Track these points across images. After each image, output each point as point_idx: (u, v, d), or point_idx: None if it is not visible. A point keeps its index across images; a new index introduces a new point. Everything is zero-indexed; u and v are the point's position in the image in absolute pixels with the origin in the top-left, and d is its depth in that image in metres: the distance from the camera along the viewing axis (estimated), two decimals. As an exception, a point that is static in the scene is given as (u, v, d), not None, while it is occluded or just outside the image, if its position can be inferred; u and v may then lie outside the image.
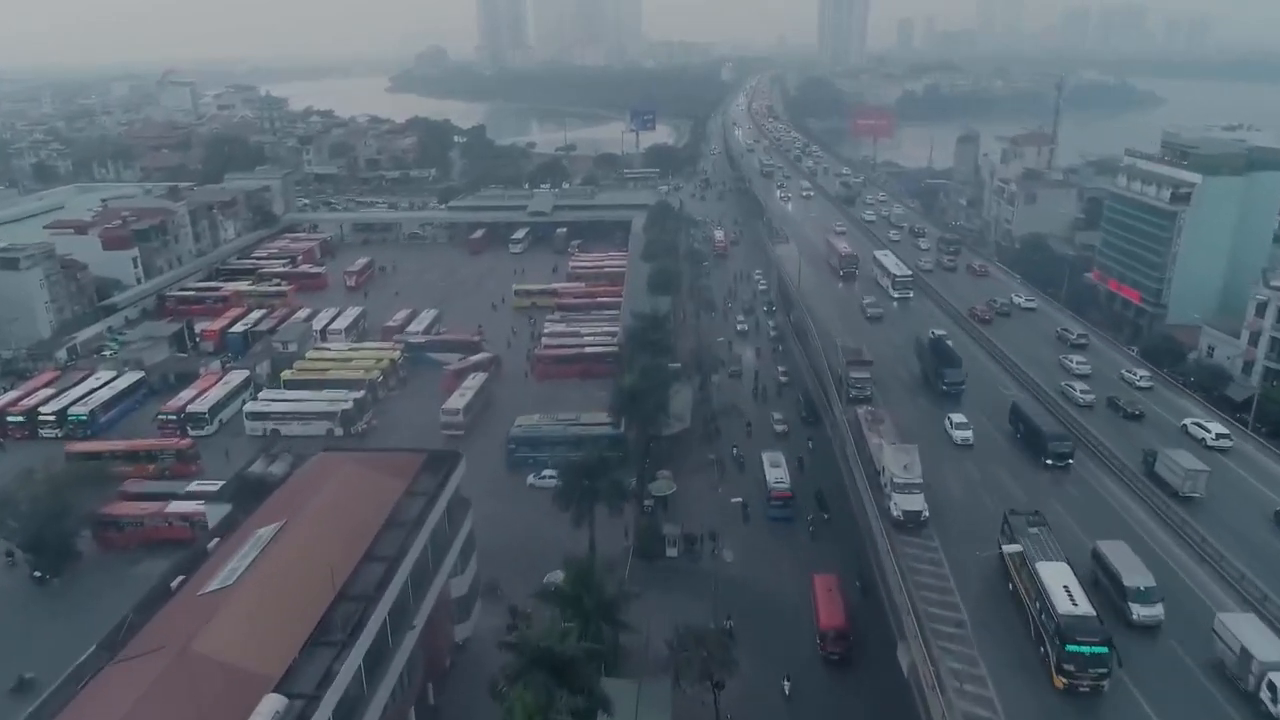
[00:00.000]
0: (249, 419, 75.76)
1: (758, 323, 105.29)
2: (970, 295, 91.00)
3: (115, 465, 67.73)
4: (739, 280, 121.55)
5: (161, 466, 68.73)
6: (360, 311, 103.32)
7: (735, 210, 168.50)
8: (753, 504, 62.72)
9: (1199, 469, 49.41)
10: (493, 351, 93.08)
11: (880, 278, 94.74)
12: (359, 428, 75.76)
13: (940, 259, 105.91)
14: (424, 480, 45.06)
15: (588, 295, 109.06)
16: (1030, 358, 71.86)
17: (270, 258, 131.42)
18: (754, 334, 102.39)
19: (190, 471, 68.08)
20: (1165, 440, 56.44)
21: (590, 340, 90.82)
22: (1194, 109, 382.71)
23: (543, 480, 66.33)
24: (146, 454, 69.71)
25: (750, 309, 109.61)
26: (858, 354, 65.47)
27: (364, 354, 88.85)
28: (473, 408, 79.03)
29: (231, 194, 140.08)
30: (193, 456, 69.92)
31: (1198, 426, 58.19)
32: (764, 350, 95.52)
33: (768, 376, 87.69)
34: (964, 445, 56.53)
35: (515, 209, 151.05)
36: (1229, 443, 56.41)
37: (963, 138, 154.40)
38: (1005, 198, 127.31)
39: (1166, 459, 50.91)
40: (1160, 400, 64.72)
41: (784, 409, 79.92)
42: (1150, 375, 67.93)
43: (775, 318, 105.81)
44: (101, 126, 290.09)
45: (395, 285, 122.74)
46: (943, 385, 64.37)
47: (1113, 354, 74.10)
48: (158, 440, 72.16)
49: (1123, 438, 57.85)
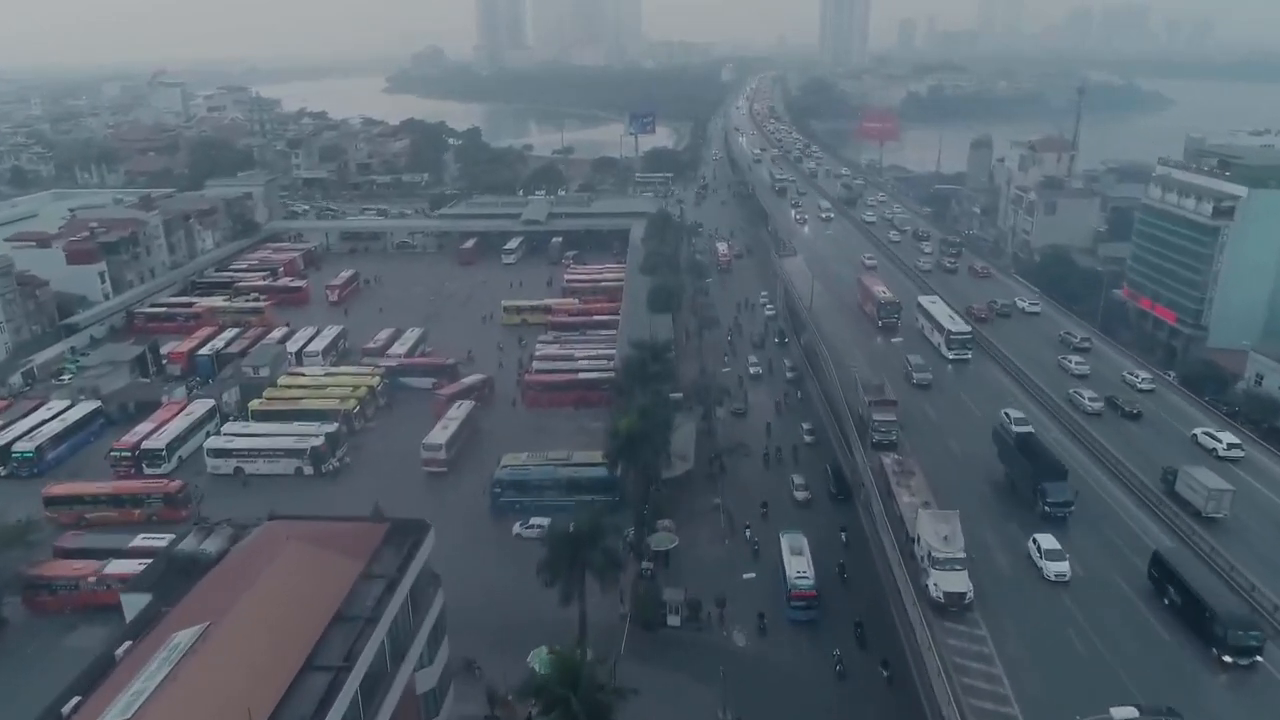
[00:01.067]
0: (210, 456, 69.10)
1: (771, 364, 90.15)
2: (972, 296, 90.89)
3: (97, 510, 62.19)
4: (744, 309, 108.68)
5: (148, 512, 62.52)
6: (340, 331, 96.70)
7: (738, 216, 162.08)
8: (769, 594, 52.36)
9: (1223, 488, 47.09)
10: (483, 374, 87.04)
11: (928, 331, 78.09)
12: (330, 466, 69.16)
13: (941, 260, 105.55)
14: (385, 558, 38.50)
15: (583, 312, 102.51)
16: (1031, 358, 73.52)
17: (250, 270, 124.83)
18: (768, 377, 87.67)
19: (180, 517, 61.95)
20: (1166, 441, 57.44)
21: (585, 365, 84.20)
22: (1202, 110, 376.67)
23: (530, 530, 59.86)
24: (132, 498, 63.18)
25: (760, 342, 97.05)
26: (880, 391, 58.94)
27: (341, 380, 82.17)
28: (457, 441, 72.56)
29: (210, 202, 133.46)
30: (183, 501, 63.34)
31: (1208, 436, 56.51)
32: (781, 401, 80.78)
33: (786, 432, 74.14)
34: (1059, 581, 42.73)
35: (508, 217, 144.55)
36: (1240, 453, 54.84)
37: (976, 142, 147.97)
38: (1023, 207, 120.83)
39: (1188, 477, 48.75)
40: (1163, 404, 65.10)
41: (807, 473, 66.31)
42: (1151, 378, 68.40)
43: (790, 354, 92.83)
44: (88, 129, 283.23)
45: (380, 300, 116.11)
46: (1044, 506, 48.23)
47: (1116, 357, 74.93)
48: (144, 482, 65.10)
49: (1121, 438, 58.50)
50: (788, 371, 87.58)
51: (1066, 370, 70.01)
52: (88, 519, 62.15)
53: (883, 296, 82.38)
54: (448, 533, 60.60)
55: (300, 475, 68.53)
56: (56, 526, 61.72)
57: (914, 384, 67.92)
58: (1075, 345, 75.59)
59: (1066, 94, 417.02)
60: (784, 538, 53.84)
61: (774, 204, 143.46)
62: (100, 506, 62.74)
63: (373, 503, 55.70)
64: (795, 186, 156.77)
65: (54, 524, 61.99)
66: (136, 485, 64.48)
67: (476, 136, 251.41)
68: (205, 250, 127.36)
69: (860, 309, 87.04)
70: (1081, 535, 47.48)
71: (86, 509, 62.58)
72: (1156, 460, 53.94)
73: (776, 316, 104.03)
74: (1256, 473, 53.53)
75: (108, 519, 62.01)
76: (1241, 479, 51.47)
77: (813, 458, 70.28)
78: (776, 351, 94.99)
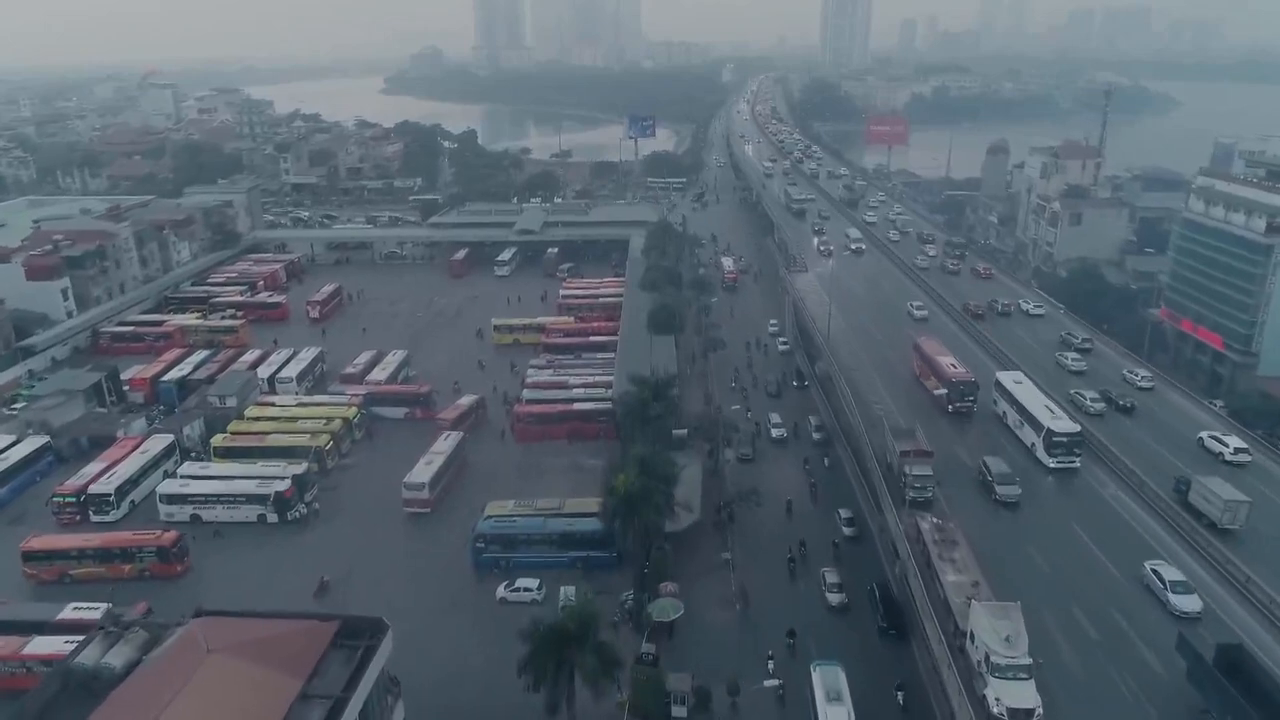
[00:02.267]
0: (163, 502, 62.33)
1: (795, 425, 74.52)
2: (973, 297, 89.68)
3: (83, 566, 55.93)
4: (755, 349, 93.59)
5: (139, 568, 56.07)
6: (318, 354, 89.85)
7: (743, 225, 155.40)
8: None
9: (1239, 499, 45.91)
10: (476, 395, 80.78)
11: (1016, 425, 58.45)
12: (297, 512, 62.39)
13: (945, 263, 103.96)
14: (332, 669, 31.86)
15: (579, 332, 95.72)
16: (1028, 356, 72.82)
17: (228, 283, 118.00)
18: (793, 441, 72.61)
19: (175, 573, 55.98)
20: (1167, 439, 57.71)
21: (581, 393, 77.41)
22: (1211, 112, 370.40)
23: (516, 593, 53.20)
24: (122, 552, 56.37)
25: (778, 389, 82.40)
26: (912, 438, 52.18)
27: (314, 411, 75.37)
28: (442, 478, 65.98)
29: (187, 211, 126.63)
30: (179, 555, 56.67)
31: (1215, 440, 55.73)
32: (814, 485, 64.75)
33: (817, 523, 59.50)
34: None
35: (502, 226, 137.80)
36: (1248, 457, 53.82)
37: (992, 148, 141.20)
38: (1046, 217, 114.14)
39: (1202, 488, 47.55)
40: (1161, 401, 65.08)
41: (844, 575, 53.16)
42: (1151, 375, 68.05)
43: (814, 402, 79.83)
44: (74, 131, 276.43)
45: (364, 317, 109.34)
46: None
47: (1115, 357, 74.12)
48: (134, 535, 57.87)
49: (1121, 438, 57.90)
50: (814, 431, 73.27)
51: (1064, 367, 70.42)
52: (72, 575, 55.90)
53: (954, 373, 62.74)
54: (422, 596, 54.28)
55: (264, 523, 61.80)
56: (36, 584, 55.92)
57: (995, 499, 50.41)
58: (1076, 346, 74.84)
59: (1074, 95, 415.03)
60: (817, 672, 41.57)
61: (791, 229, 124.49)
62: (86, 562, 56.16)
63: (335, 565, 49.10)
64: (817, 209, 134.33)
65: (34, 581, 56.01)
66: (126, 538, 57.42)
67: (472, 139, 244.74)
68: (181, 262, 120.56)
69: (916, 380, 68.62)
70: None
71: (70, 564, 56.15)
72: (1159, 463, 53.86)
73: (791, 350, 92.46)
74: (1264, 477, 52.56)
75: (94, 575, 55.74)
76: (1249, 484, 50.13)
77: (854, 556, 56.09)
78: (797, 400, 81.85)
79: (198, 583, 56.05)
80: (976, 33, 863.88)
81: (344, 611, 39.62)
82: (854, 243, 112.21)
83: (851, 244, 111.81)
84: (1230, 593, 42.11)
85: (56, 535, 59.12)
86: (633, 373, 64.76)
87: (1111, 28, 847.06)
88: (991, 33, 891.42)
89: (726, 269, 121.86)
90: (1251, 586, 41.02)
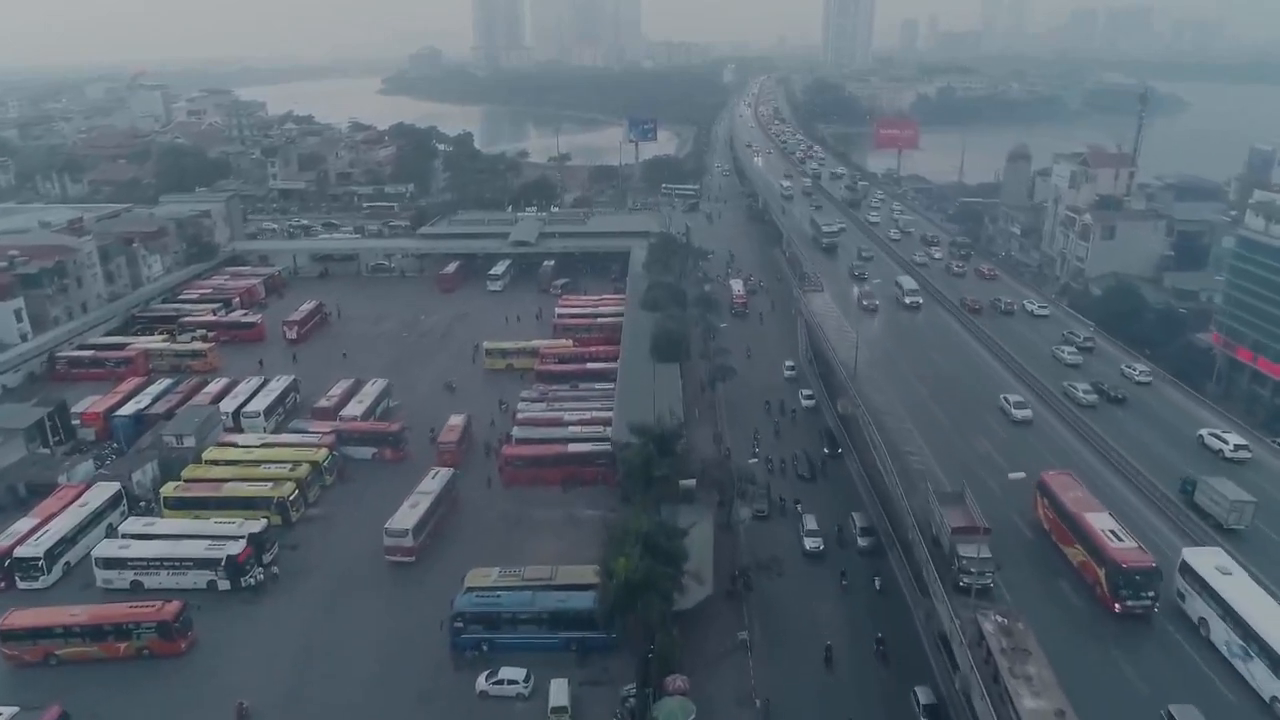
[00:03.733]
0: (100, 567, 54.77)
1: (838, 529, 58.33)
2: (979, 296, 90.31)
3: (70, 645, 48.40)
4: (776, 411, 78.26)
5: (136, 645, 48.58)
6: (290, 383, 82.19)
7: (748, 235, 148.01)
8: None
9: (1245, 499, 45.99)
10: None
11: (1235, 650, 37.03)
12: (253, 578, 54.82)
13: (950, 264, 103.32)
14: None
15: (575, 357, 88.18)
16: (1027, 350, 74.23)
17: (201, 300, 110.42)
18: (834, 551, 56.72)
19: (180, 651, 48.73)
20: (1163, 434, 58.53)
21: (577, 431, 69.81)
22: (1220, 113, 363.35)
23: (499, 685, 45.65)
24: (116, 628, 48.69)
25: (810, 471, 66.66)
26: (960, 506, 44.54)
27: (280, 453, 67.73)
28: (428, 523, 59.27)
29: (159, 222, 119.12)
30: (182, 630, 49.21)
31: (1214, 437, 56.05)
32: (878, 645, 47.50)
33: (879, 696, 44.55)
34: None
35: (496, 237, 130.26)
36: (1248, 454, 54.27)
37: (1013, 155, 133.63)
38: (1076, 230, 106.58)
39: (1208, 488, 47.68)
40: (1158, 396, 66.00)
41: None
42: (1149, 370, 69.07)
43: (854, 483, 65.67)
44: (60, 134, 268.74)
45: (345, 338, 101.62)
46: None
47: (1115, 353, 74.63)
48: (131, 609, 49.88)
49: (1112, 425, 59.74)
50: (860, 536, 57.24)
51: (1060, 360, 71.76)
52: (59, 656, 48.38)
53: (1120, 552, 40.40)
54: (387, 687, 46.63)
55: (214, 591, 54.25)
56: (16, 666, 48.53)
57: None
58: (1079, 345, 75.24)
59: (1082, 96, 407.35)
60: None
61: (821, 270, 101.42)
62: (74, 640, 48.47)
63: (290, 641, 41.49)
64: (858, 247, 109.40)
65: (14, 664, 48.61)
66: (121, 611, 49.70)
67: (468, 142, 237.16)
68: (152, 278, 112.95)
69: (1041, 530, 47.67)
70: None
71: (57, 643, 48.44)
72: (1160, 461, 54.43)
73: (816, 402, 79.38)
74: (1264, 473, 52.88)
75: (85, 655, 48.31)
76: (1249, 481, 50.17)
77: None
78: (835, 474, 67.38)
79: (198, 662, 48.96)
80: (978, 33, 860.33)
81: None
82: (908, 295, 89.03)
83: (906, 297, 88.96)
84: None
85: (39, 610, 50.54)
86: (634, 422, 57.11)
87: (1113, 28, 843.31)
88: (993, 33, 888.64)
89: (735, 293, 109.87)
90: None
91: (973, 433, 59.97)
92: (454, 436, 70.63)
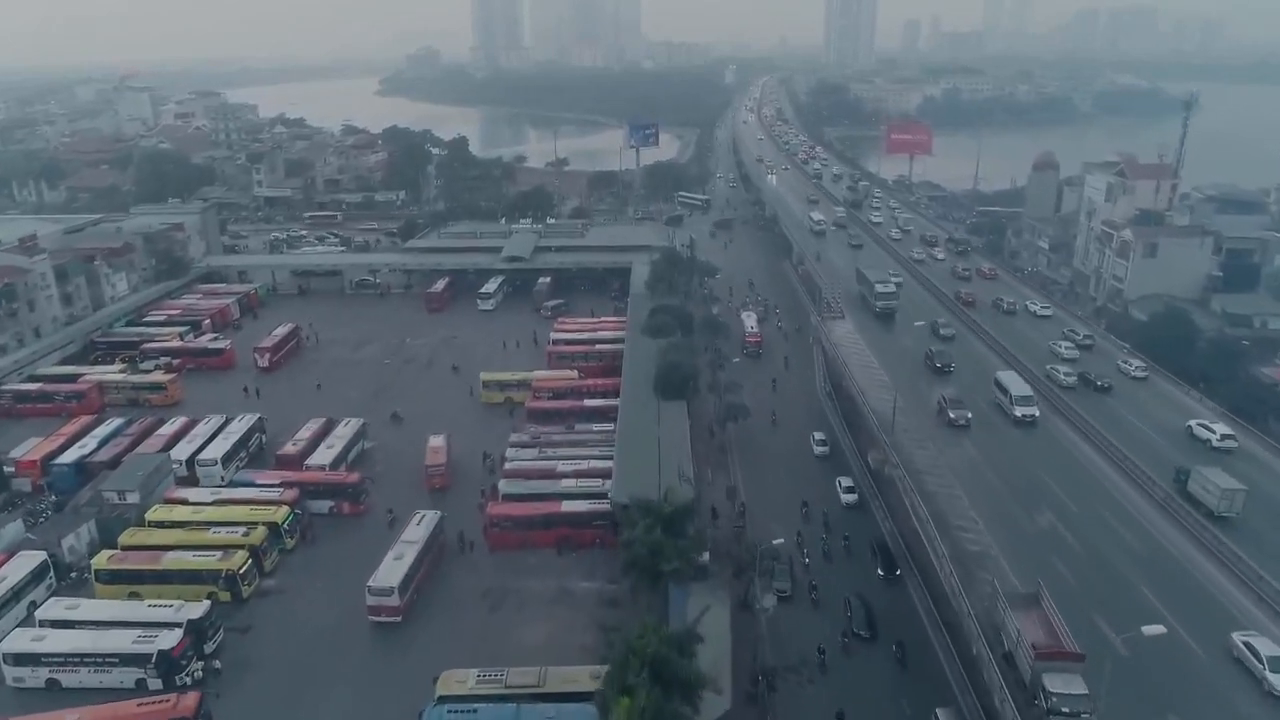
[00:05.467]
0: (9, 664, 46.58)
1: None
2: (982, 296, 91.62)
3: None
4: (805, 520, 60.31)
5: None
6: (255, 422, 73.93)
7: (759, 250, 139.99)
8: None
9: (1236, 488, 47.82)
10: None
11: None
12: (190, 675, 46.62)
13: (955, 268, 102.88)
14: None
15: (571, 391, 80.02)
16: (1025, 347, 75.48)
17: (169, 322, 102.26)
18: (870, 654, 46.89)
19: None
20: (1143, 417, 61.47)
21: (572, 486, 61.58)
22: (1234, 116, 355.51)
23: (476, 828, 37.60)
24: None
25: (866, 617, 48.69)
26: (1036, 607, 36.33)
27: (233, 512, 59.40)
28: (415, 576, 52.74)
29: (125, 237, 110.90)
30: None
31: (1202, 428, 58.06)
32: None
33: None
34: None
35: (488, 251, 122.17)
36: (1234, 443, 56.14)
37: (1039, 163, 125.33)
38: (1114, 248, 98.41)
39: (1200, 477, 49.56)
40: (1155, 391, 67.72)
41: None
42: (1145, 366, 70.52)
43: (920, 613, 50.21)
44: (43, 137, 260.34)
45: (322, 366, 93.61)
46: None
47: (1113, 349, 76.05)
48: (140, 704, 41.98)
49: (1100, 411, 62.28)
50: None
51: (1058, 355, 73.13)
52: None
53: None
54: None
55: (144, 689, 46.03)
56: None
57: None
58: (1079, 343, 75.97)
59: (1091, 97, 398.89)
60: None
61: (880, 348, 76.24)
62: None
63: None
64: (935, 322, 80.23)
65: None
66: (129, 711, 41.73)
67: (463, 147, 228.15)
68: (116, 297, 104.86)
69: None
70: None
71: None
72: (1154, 450, 56.44)
73: (860, 497, 62.57)
74: (1250, 462, 54.78)
75: None
76: (1237, 470, 51.85)
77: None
78: (896, 608, 50.97)
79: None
80: (980, 33, 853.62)
81: None
82: (1019, 406, 61.23)
83: (1017, 409, 61.19)
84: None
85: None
86: (638, 497, 49.02)
87: (1116, 28, 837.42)
88: (995, 33, 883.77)
89: (748, 329, 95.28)
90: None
91: (1035, 506, 51.78)
92: (441, 459, 66.88)
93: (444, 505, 61.88)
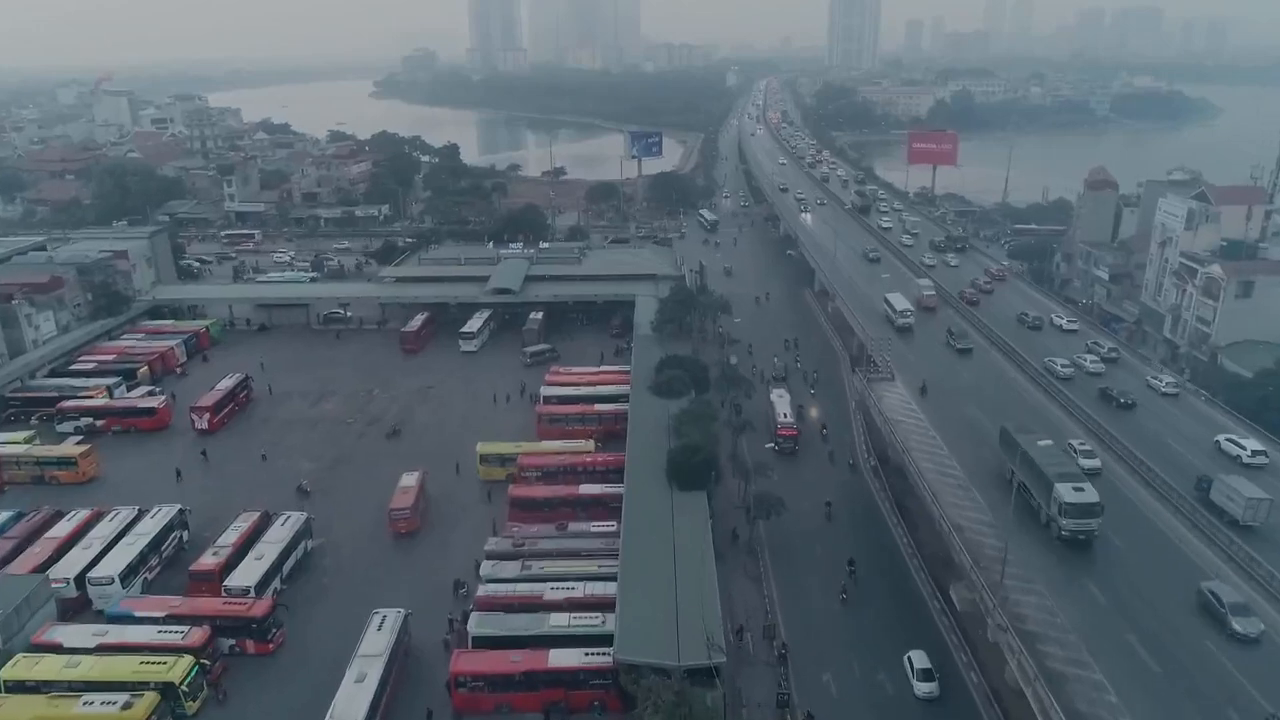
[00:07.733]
0: None
1: None
2: (997, 303, 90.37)
3: None
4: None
5: None
6: (174, 516, 59.68)
7: (763, 259, 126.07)
8: None
9: (1261, 497, 46.34)
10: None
11: None
12: None
13: (978, 280, 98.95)
14: None
15: (566, 471, 65.64)
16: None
17: (99, 370, 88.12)
18: None
19: None
20: (1168, 429, 59.29)
21: (563, 624, 47.35)
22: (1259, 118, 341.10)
23: None
24: None
25: None
26: None
27: (120, 667, 45.02)
28: (380, 701, 41.92)
29: (55, 270, 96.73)
30: None
31: (1231, 443, 56.10)
32: None
33: None
34: None
35: (472, 281, 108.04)
36: (1265, 459, 53.96)
37: (1093, 181, 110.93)
38: (1198, 284, 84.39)
39: (1223, 486, 48.42)
40: (1185, 406, 64.55)
41: None
42: (1175, 382, 67.81)
43: None
44: (10, 144, 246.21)
45: (272, 427, 79.37)
46: None
47: (1139, 365, 73.60)
48: None
49: (1120, 423, 59.86)
50: None
51: (1082, 369, 70.61)
52: None
53: None
54: None
55: None
56: None
57: None
58: (1104, 356, 73.72)
59: (1109, 100, 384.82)
60: None
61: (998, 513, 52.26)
62: None
63: None
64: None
65: None
66: None
67: (454, 155, 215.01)
68: (40, 341, 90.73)
69: None
70: None
71: None
72: (1173, 460, 54.49)
73: (939, 683, 43.58)
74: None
75: None
76: (1269, 485, 49.31)
77: None
78: None
79: None
80: (984, 34, 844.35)
81: None
82: (1237, 625, 39.53)
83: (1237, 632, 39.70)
84: None
85: None
86: (650, 680, 34.99)
87: (1121, 29, 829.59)
88: (999, 34, 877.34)
89: (780, 417, 71.95)
90: None
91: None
92: (408, 500, 60.66)
93: (414, 554, 53.21)
